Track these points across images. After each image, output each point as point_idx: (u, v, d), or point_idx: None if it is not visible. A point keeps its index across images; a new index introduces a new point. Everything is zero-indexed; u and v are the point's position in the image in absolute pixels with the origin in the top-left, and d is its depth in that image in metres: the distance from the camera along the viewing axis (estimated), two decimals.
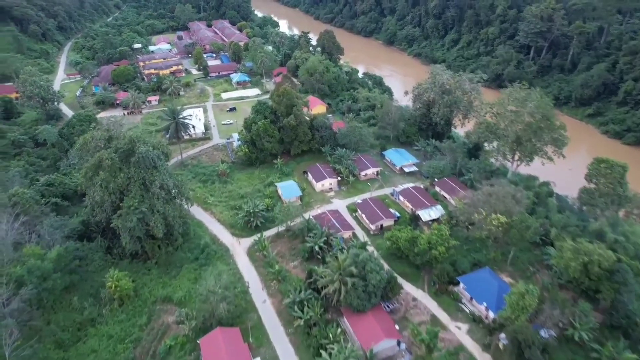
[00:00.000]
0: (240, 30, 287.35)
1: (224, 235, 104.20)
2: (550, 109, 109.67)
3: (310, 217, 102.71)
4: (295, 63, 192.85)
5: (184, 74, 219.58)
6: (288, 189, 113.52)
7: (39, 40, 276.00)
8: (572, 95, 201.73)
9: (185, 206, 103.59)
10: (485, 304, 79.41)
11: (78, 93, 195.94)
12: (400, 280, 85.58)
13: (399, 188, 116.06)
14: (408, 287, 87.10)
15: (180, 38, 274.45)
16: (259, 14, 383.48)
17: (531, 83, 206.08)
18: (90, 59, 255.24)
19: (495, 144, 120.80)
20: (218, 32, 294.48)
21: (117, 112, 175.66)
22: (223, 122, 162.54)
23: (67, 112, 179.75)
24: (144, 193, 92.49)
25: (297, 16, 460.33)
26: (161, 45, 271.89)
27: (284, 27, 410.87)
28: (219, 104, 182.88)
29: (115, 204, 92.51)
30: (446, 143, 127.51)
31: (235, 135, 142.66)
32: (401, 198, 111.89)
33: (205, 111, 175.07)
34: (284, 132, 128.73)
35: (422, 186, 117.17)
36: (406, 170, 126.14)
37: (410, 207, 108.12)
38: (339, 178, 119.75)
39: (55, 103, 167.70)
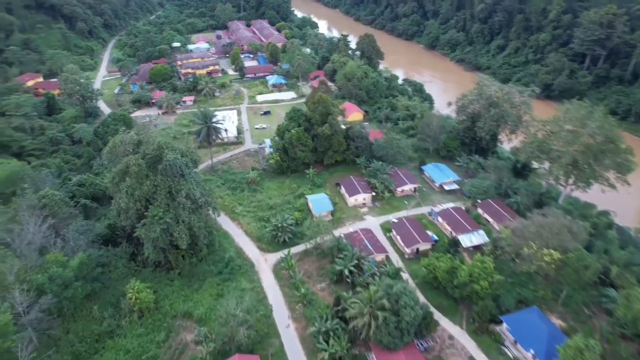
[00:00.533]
0: (279, 31, 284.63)
1: (250, 249, 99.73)
2: (615, 131, 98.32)
3: (341, 235, 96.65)
4: (333, 67, 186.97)
5: (220, 75, 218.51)
6: (319, 203, 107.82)
7: (85, 37, 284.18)
8: (632, 109, 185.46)
9: (212, 216, 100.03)
10: (532, 351, 70.64)
11: (116, 91, 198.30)
12: (436, 314, 78.07)
13: (438, 208, 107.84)
14: (444, 323, 79.34)
15: (219, 37, 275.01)
16: (299, 15, 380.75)
17: (585, 94, 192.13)
18: (131, 56, 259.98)
19: (546, 165, 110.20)
20: (257, 32, 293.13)
21: (153, 112, 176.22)
22: (256, 126, 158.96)
23: (105, 109, 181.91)
24: (170, 202, 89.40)
25: (337, 17, 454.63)
26: (200, 44, 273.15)
27: (323, 28, 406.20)
28: (254, 107, 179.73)
29: (140, 211, 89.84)
30: (491, 160, 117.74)
31: (268, 141, 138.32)
32: (440, 219, 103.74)
33: (239, 114, 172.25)
34: (317, 140, 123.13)
35: (463, 207, 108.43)
36: (446, 188, 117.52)
37: (450, 230, 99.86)
38: (374, 193, 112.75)
39: (94, 101, 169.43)
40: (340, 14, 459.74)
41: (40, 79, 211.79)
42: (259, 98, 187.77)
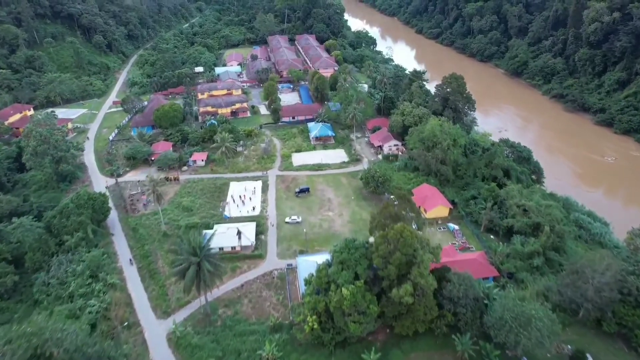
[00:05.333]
0: (328, 51, 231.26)
1: None
2: None
3: None
4: (402, 121, 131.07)
5: (248, 114, 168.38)
6: None
7: (103, 51, 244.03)
8: None
9: None
10: None
11: (112, 136, 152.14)
12: None
13: None
14: None
15: (254, 58, 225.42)
16: (352, 25, 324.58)
17: None
18: (151, 76, 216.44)
19: None
20: (301, 51, 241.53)
21: (148, 175, 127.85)
22: (287, 219, 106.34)
23: (92, 165, 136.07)
24: None
25: (395, 27, 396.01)
26: (231, 64, 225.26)
27: (375, 34, 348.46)
28: (287, 176, 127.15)
29: None
30: None
31: (302, 262, 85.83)
32: None
33: (264, 188, 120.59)
34: (387, 303, 68.82)
35: None
36: None
37: None
38: None
39: (70, 162, 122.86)
40: (399, 24, 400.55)
41: (30, 112, 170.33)
42: (295, 159, 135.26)
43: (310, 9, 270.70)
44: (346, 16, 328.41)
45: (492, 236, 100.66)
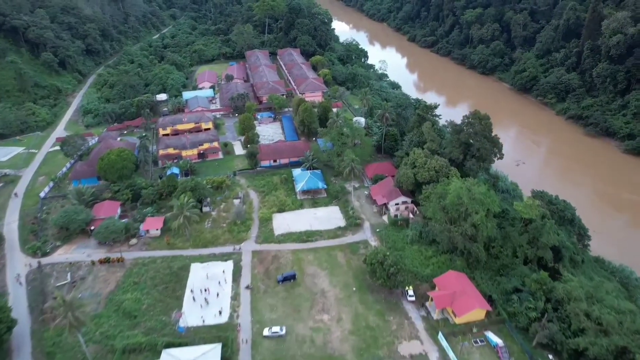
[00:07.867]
0: (315, 68, 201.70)
1: None
2: None
3: None
4: (414, 175, 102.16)
5: (220, 156, 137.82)
6: None
7: (54, 71, 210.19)
8: None
9: None
10: None
11: (43, 193, 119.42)
12: None
13: None
14: None
15: (229, 78, 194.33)
16: (340, 36, 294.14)
17: None
18: (110, 100, 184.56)
19: None
20: (284, 68, 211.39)
21: (86, 251, 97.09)
22: (266, 333, 76.49)
23: (13, 238, 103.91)
24: None
25: (384, 34, 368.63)
26: (201, 88, 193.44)
27: (363, 39, 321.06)
28: (265, 252, 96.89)
29: None
30: None
31: None
32: None
33: (235, 274, 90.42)
34: None
35: None
36: None
37: None
38: None
39: None
40: (389, 31, 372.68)
41: None
42: (277, 223, 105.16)
43: (294, 18, 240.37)
44: (333, 24, 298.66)
45: (550, 356, 72.59)
